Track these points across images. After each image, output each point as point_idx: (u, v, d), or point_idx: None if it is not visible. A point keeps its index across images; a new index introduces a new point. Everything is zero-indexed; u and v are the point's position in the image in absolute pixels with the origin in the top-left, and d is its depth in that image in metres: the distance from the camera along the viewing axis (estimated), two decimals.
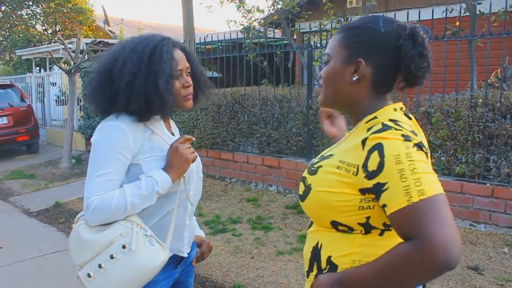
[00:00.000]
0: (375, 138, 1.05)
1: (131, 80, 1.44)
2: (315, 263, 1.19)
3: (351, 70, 1.16)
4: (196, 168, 1.64)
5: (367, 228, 1.11)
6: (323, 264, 1.16)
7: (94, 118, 9.00)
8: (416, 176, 0.98)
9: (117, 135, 1.43)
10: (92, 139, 1.49)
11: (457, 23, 4.73)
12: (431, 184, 0.99)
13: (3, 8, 16.69)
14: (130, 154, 1.45)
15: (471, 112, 4.31)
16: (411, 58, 1.11)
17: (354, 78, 1.16)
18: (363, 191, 1.07)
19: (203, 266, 3.75)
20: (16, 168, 8.76)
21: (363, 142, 1.08)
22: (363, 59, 1.14)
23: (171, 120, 1.71)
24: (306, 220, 4.83)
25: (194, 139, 1.59)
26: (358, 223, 1.11)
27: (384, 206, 1.02)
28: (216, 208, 5.47)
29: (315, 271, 1.19)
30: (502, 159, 4.22)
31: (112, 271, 1.37)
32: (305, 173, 1.23)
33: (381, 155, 1.02)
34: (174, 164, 1.48)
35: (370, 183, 1.04)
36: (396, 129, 1.06)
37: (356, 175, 1.07)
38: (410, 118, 1.17)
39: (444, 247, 0.92)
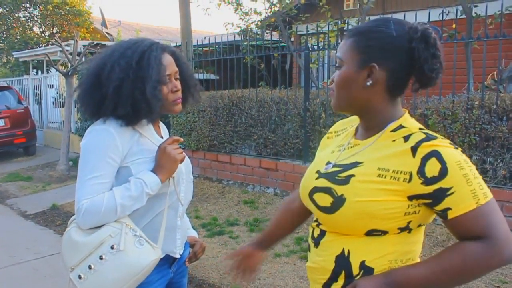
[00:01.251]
0: (428, 146, 1.07)
1: (119, 85, 1.44)
2: (343, 271, 1.15)
3: (365, 75, 1.14)
4: (185, 170, 1.65)
5: (403, 230, 1.13)
6: (355, 270, 1.14)
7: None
8: (478, 180, 1.06)
9: (106, 139, 1.44)
10: (81, 143, 1.50)
11: (454, 26, 4.75)
12: (487, 188, 1.08)
13: (0, 10, 16.67)
14: (119, 157, 1.46)
15: (467, 114, 4.32)
16: (425, 60, 1.12)
17: (368, 83, 1.14)
18: (411, 197, 1.08)
19: (200, 269, 3.75)
20: (13, 171, 8.74)
21: (414, 149, 1.08)
22: (377, 63, 1.13)
23: (161, 123, 1.72)
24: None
25: (182, 140, 1.60)
26: (398, 228, 1.12)
27: (447, 209, 1.05)
28: (213, 210, 5.47)
29: (341, 281, 1.16)
30: (499, 161, 4.23)
31: (102, 271, 1.38)
32: (325, 183, 1.17)
33: (442, 162, 1.04)
34: (162, 165, 1.49)
35: (428, 189, 1.05)
36: (442, 138, 1.09)
37: (409, 182, 1.07)
38: None
39: (508, 244, 1.03)
